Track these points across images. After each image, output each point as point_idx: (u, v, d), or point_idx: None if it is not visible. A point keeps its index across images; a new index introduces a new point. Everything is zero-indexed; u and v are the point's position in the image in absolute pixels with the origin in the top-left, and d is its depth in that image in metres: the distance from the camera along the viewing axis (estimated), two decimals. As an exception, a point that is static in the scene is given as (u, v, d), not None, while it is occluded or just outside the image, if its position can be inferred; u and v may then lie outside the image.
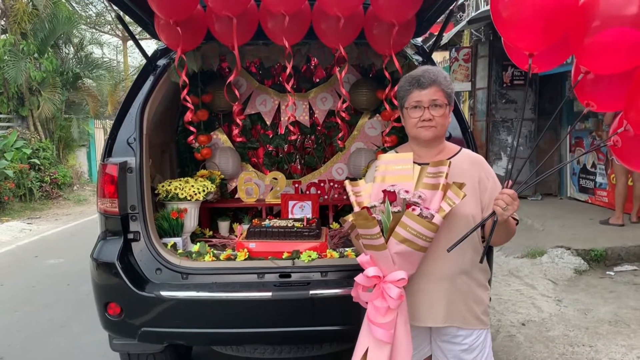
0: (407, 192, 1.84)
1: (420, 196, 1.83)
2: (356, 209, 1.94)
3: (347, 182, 2.06)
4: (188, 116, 3.17)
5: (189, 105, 3.05)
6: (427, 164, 1.95)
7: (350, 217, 1.89)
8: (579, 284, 5.05)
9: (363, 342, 1.94)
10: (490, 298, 2.13)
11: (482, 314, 2.02)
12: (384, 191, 1.86)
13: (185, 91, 2.99)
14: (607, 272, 5.32)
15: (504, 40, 2.07)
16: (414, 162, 1.97)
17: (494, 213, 1.83)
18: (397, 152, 2.13)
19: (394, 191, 1.84)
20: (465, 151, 2.11)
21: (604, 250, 5.56)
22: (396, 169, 1.96)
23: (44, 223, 10.04)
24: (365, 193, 1.99)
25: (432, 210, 1.80)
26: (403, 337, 1.88)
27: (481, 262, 1.95)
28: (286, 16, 2.50)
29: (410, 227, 1.75)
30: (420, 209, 1.78)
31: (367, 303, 1.96)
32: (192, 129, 3.41)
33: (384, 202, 1.85)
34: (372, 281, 1.89)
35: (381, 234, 1.79)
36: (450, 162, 1.85)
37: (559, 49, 2.03)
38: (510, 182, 1.84)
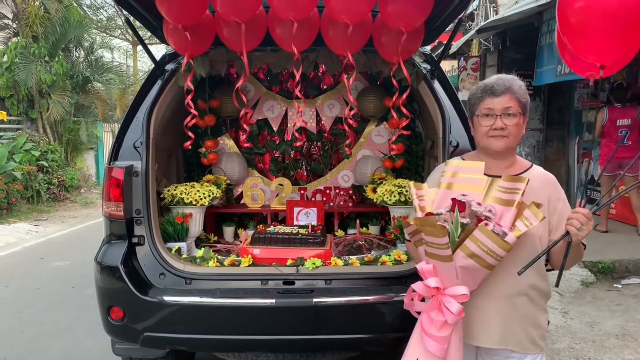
0: (479, 204, 1.72)
1: (490, 210, 1.72)
2: (418, 213, 1.84)
3: (411, 184, 1.95)
4: (190, 122, 3.16)
5: (192, 110, 3.05)
6: (497, 176, 1.85)
7: (412, 221, 1.79)
8: (586, 296, 5.00)
9: (413, 351, 1.87)
10: (549, 322, 2.03)
11: (539, 338, 1.92)
12: (454, 200, 1.74)
13: (189, 96, 2.98)
14: (615, 285, 5.26)
15: (574, 50, 1.98)
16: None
17: (567, 233, 1.73)
18: (463, 159, 2.02)
19: (465, 201, 1.72)
20: (537, 168, 1.99)
21: (611, 262, 5.51)
22: (465, 177, 1.86)
23: (51, 225, 10.07)
24: (428, 198, 1.88)
25: (504, 227, 1.69)
26: (456, 354, 1.81)
27: (557, 285, 1.87)
28: (295, 23, 2.49)
29: (481, 242, 1.66)
30: (493, 225, 1.67)
31: (418, 313, 1.90)
32: (190, 134, 3.39)
33: (451, 210, 1.74)
34: (431, 292, 1.81)
35: (449, 244, 1.69)
36: (528, 180, 1.75)
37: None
38: (583, 201, 1.77)
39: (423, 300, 1.90)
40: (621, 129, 6.39)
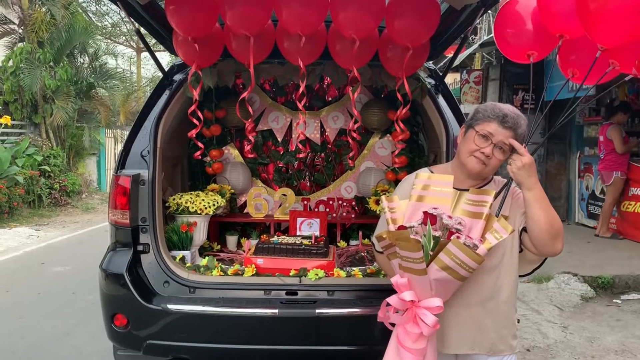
0: (450, 217, 1.76)
1: (460, 222, 1.76)
2: (391, 226, 1.86)
3: (383, 198, 1.98)
4: (192, 132, 3.20)
5: (195, 121, 3.08)
6: (464, 189, 1.91)
7: (385, 234, 1.80)
8: (586, 311, 5.01)
9: None
10: (519, 320, 2.08)
11: (511, 338, 1.98)
12: (425, 213, 1.78)
13: (193, 106, 3.02)
14: (614, 300, 5.27)
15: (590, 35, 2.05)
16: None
17: (510, 179, 1.88)
18: (431, 172, 2.06)
19: (436, 214, 1.76)
20: (497, 178, 2.08)
21: (611, 277, 5.51)
22: (435, 190, 1.89)
23: (52, 230, 10.08)
24: (399, 210, 1.90)
25: (474, 240, 1.73)
26: None
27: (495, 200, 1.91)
28: (302, 37, 2.54)
29: (455, 255, 1.69)
30: (465, 238, 1.72)
31: (392, 325, 1.93)
32: (200, 144, 3.44)
33: (422, 223, 1.77)
34: (407, 305, 1.84)
35: (423, 258, 1.72)
36: (495, 193, 1.81)
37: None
38: (524, 145, 1.87)
39: (397, 312, 1.92)
40: (600, 144, 7.22)
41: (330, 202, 4.22)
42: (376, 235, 1.93)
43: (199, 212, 3.32)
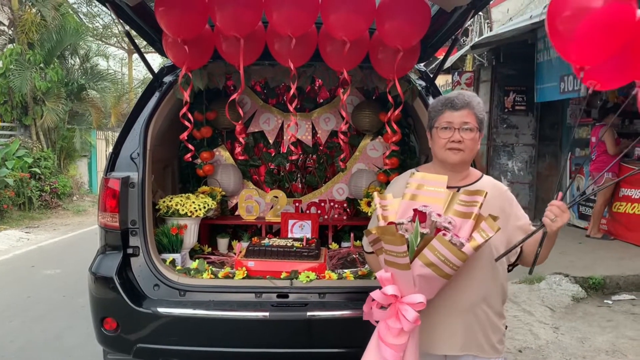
0: (439, 215, 1.77)
1: (450, 222, 1.77)
2: (381, 222, 1.87)
3: (375, 194, 1.99)
4: (184, 135, 3.19)
5: (187, 123, 3.07)
6: (455, 187, 1.93)
7: (374, 230, 1.81)
8: (577, 311, 5.03)
9: (370, 359, 1.90)
10: (507, 327, 2.09)
11: (498, 342, 1.99)
12: (415, 210, 1.79)
13: (184, 109, 3.00)
14: (605, 301, 5.29)
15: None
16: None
17: (543, 225, 1.82)
18: (417, 171, 2.05)
19: (426, 212, 1.77)
20: (487, 178, 2.08)
21: (602, 278, 5.54)
22: (429, 190, 1.90)
23: (42, 233, 10.01)
24: (392, 208, 1.91)
25: (461, 238, 1.73)
26: None
27: (530, 273, 1.98)
28: (293, 39, 2.53)
29: (439, 251, 1.70)
30: (451, 236, 1.72)
31: (376, 321, 1.92)
32: (190, 146, 3.43)
33: (412, 220, 1.78)
34: (389, 300, 1.84)
35: (407, 253, 1.72)
36: (486, 193, 1.80)
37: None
38: (560, 194, 1.83)
39: (382, 308, 1.91)
40: (592, 145, 7.28)
41: (322, 204, 4.21)
42: (365, 230, 1.95)
43: (189, 214, 3.30)
